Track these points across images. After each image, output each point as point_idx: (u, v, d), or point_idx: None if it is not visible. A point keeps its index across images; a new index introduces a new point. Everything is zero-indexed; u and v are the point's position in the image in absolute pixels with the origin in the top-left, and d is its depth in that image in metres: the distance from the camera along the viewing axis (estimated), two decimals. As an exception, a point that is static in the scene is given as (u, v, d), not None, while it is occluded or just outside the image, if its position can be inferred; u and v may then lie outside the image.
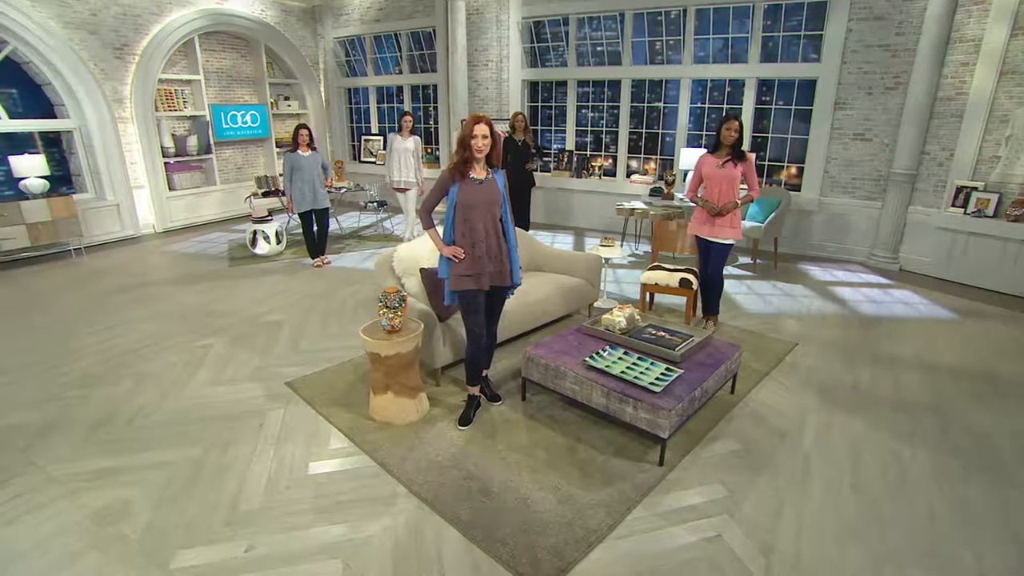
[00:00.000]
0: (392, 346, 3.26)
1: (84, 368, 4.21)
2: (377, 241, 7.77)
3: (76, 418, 3.55)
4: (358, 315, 5.17)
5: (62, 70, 7.19)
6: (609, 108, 8.36)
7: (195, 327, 4.92)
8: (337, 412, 3.56)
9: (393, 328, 3.31)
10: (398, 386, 3.37)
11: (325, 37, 10.27)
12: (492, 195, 3.22)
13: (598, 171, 8.43)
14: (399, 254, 4.08)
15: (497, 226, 3.27)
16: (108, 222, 7.77)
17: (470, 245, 3.21)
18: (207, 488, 2.92)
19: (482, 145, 3.13)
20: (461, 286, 3.25)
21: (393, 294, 3.32)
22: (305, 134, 6.12)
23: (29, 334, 4.84)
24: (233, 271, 6.51)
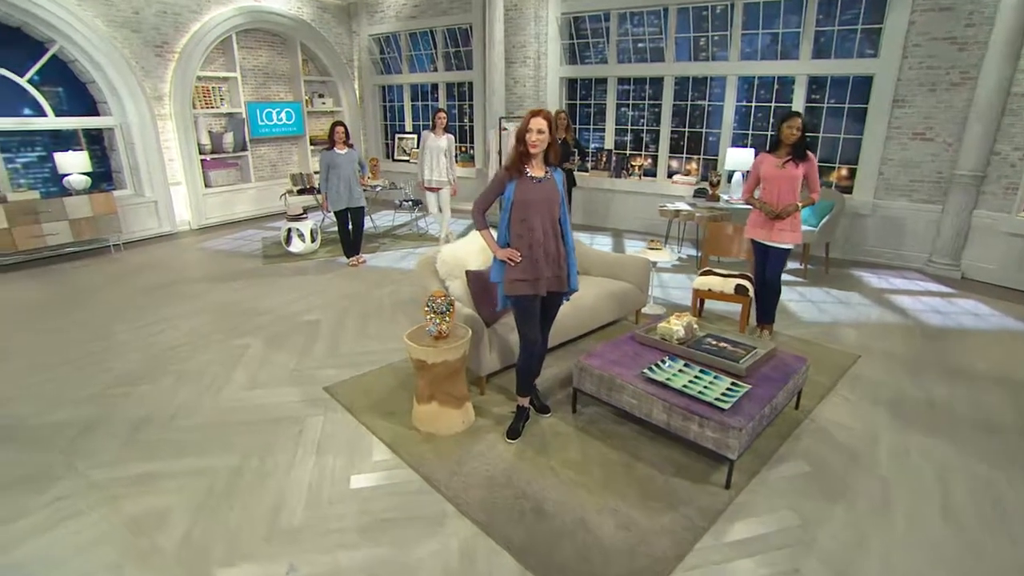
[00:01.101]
0: (439, 353, 3.07)
1: (125, 365, 4.13)
2: (412, 240, 7.63)
3: (117, 417, 3.45)
4: (396, 316, 5.01)
5: (105, 68, 7.21)
6: (650, 106, 8.08)
7: (232, 326, 4.82)
8: (378, 420, 3.39)
9: (440, 334, 3.12)
10: (444, 395, 3.19)
11: (360, 34, 10.17)
12: (550, 194, 3.01)
13: (638, 171, 8.15)
14: (443, 255, 3.90)
15: (556, 227, 3.06)
16: (146, 218, 7.77)
17: (527, 247, 3.01)
18: (246, 499, 2.77)
19: (536, 140, 2.92)
20: (517, 291, 3.04)
21: (441, 298, 3.13)
22: (341, 131, 5.99)
23: (73, 329, 4.79)
24: (268, 269, 6.42)
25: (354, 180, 6.09)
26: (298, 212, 6.80)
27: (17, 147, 7.32)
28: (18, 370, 4.09)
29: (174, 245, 7.57)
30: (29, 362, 4.21)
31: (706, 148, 7.83)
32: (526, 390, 3.30)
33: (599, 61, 8.22)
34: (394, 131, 10.65)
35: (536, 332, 3.15)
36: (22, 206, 6.32)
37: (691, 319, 3.68)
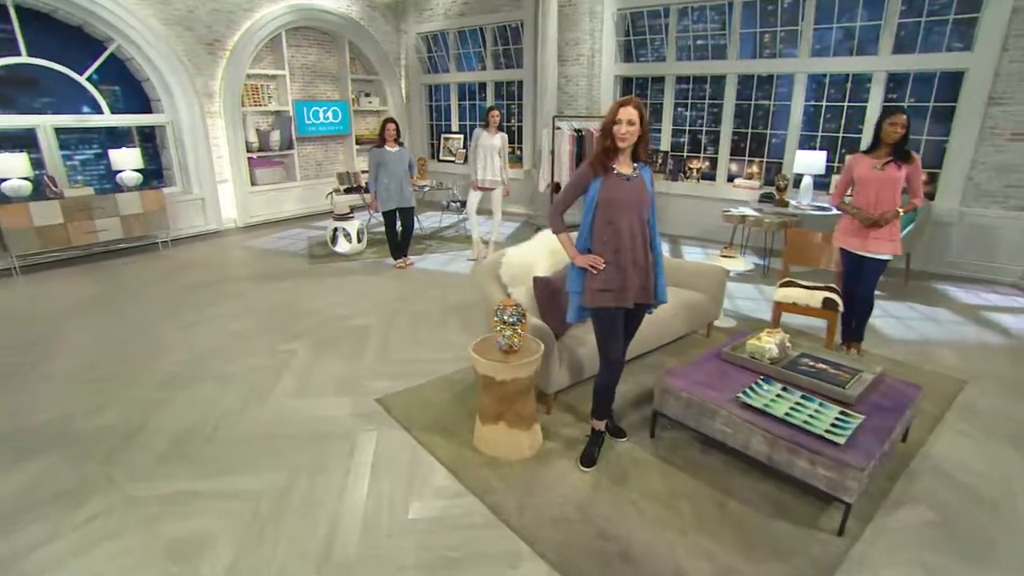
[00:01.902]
0: (510, 369, 2.72)
1: (169, 366, 3.92)
2: (459, 243, 7.33)
3: (158, 425, 3.21)
4: (447, 322, 4.70)
5: (159, 65, 7.15)
6: (709, 106, 7.61)
7: (278, 328, 4.58)
8: (437, 440, 3.06)
9: (511, 348, 2.78)
10: (512, 416, 2.84)
11: (407, 32, 9.97)
12: (639, 194, 2.64)
13: (696, 174, 7.69)
14: (508, 259, 3.56)
15: (644, 231, 2.69)
16: (193, 215, 7.68)
17: (612, 252, 2.65)
18: (296, 525, 2.47)
19: (626, 132, 2.56)
20: (599, 302, 2.68)
21: (512, 308, 2.79)
22: (392, 128, 5.73)
23: (121, 327, 4.65)
24: (314, 269, 6.20)
25: (405, 179, 5.82)
26: (345, 211, 6.58)
27: (75, 145, 7.32)
28: (67, 369, 3.92)
29: (220, 243, 7.46)
30: (78, 360, 4.04)
31: (769, 150, 7.33)
32: (603, 413, 2.93)
33: (656, 59, 7.80)
34: (440, 131, 10.41)
35: (620, 348, 2.79)
36: (77, 202, 6.28)
37: (783, 336, 3.25)
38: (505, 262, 3.57)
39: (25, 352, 4.22)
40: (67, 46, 6.81)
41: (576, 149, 7.24)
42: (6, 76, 6.57)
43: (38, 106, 6.82)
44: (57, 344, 4.33)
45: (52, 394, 3.59)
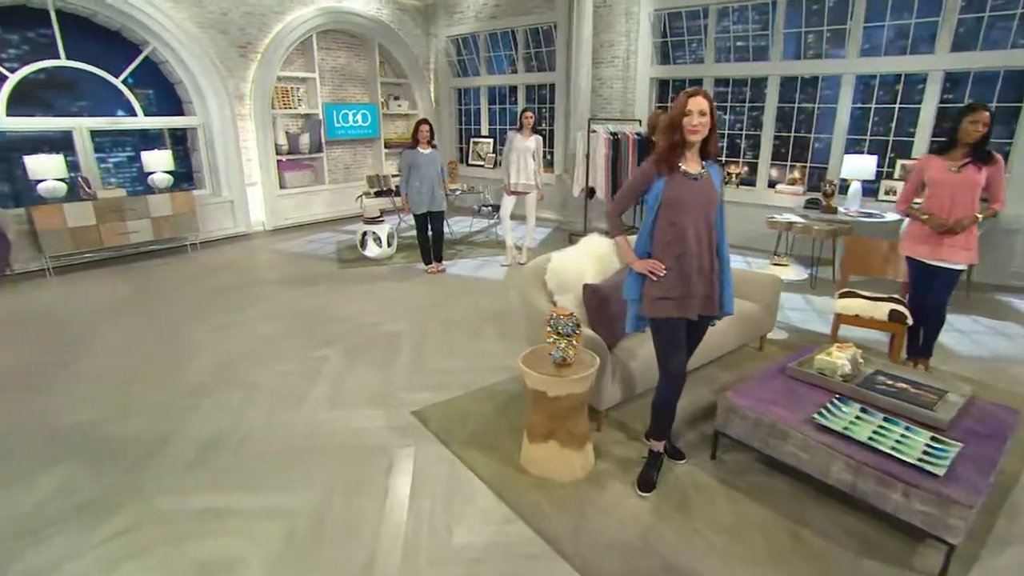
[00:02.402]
0: (564, 384, 2.49)
1: (198, 372, 3.76)
2: (490, 248, 7.13)
3: (186, 434, 3.04)
4: (483, 331, 4.48)
5: (193, 68, 7.11)
6: (749, 109, 7.33)
7: (308, 333, 4.41)
8: (479, 457, 2.84)
9: (564, 361, 2.55)
10: (564, 434, 2.61)
11: (437, 36, 9.85)
12: (707, 194, 2.41)
13: (735, 180, 7.40)
14: (555, 265, 3.33)
15: (711, 235, 2.46)
16: (222, 218, 7.62)
17: (674, 258, 2.41)
18: (332, 551, 2.26)
19: (698, 124, 2.33)
20: (659, 312, 2.45)
21: (566, 317, 2.56)
22: (426, 130, 5.57)
23: (152, 329, 4.54)
24: (343, 273, 6.05)
25: (436, 182, 5.65)
26: (375, 215, 6.43)
27: (109, 147, 7.34)
28: (98, 371, 3.80)
29: (248, 246, 7.37)
30: (105, 363, 3.91)
31: (812, 155, 7.01)
32: (663, 432, 2.68)
33: (694, 61, 7.53)
34: (469, 135, 10.25)
35: (682, 363, 2.54)
36: (110, 203, 6.25)
37: (855, 351, 2.97)
38: (551, 268, 3.34)
39: (56, 352, 4.11)
40: (104, 50, 6.81)
41: (612, 153, 7.00)
42: (46, 80, 6.58)
43: (75, 109, 6.82)
44: (87, 345, 4.22)
45: (80, 397, 3.46)
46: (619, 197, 2.62)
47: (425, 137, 5.59)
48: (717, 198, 2.45)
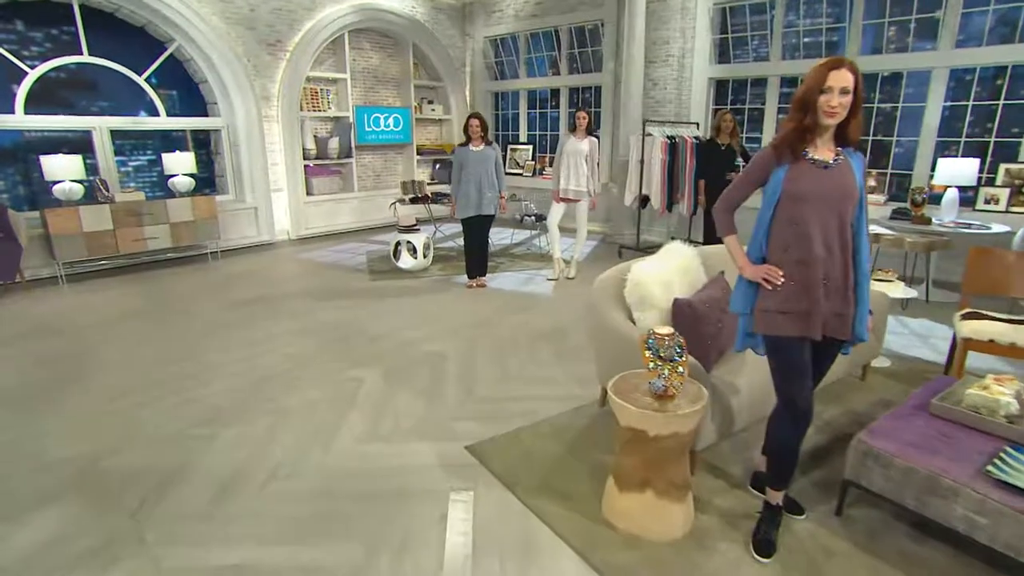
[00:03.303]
0: (670, 421, 2.07)
1: (216, 395, 3.42)
2: (533, 261, 6.77)
3: (200, 470, 2.68)
4: (537, 352, 4.08)
5: (218, 66, 6.98)
6: (820, 110, 6.87)
7: (340, 352, 4.06)
8: (553, 506, 2.42)
9: (668, 392, 2.13)
10: (663, 483, 2.18)
11: (474, 36, 9.64)
12: (843, 188, 2.01)
13: (803, 187, 6.92)
14: (636, 276, 2.92)
15: (846, 238, 2.04)
16: (245, 226, 7.42)
17: (795, 264, 2.02)
18: (381, 629, 1.86)
19: (838, 104, 1.92)
20: (774, 328, 2.05)
21: (669, 338, 2.16)
22: (476, 124, 5.24)
23: (164, 344, 4.24)
24: (376, 287, 5.73)
25: (486, 182, 5.29)
26: (411, 223, 6.11)
27: (130, 150, 7.22)
28: (100, 391, 3.48)
29: (272, 255, 7.13)
30: (113, 382, 3.61)
31: (893, 160, 6.52)
32: (782, 481, 2.24)
33: (756, 58, 7.14)
34: (507, 142, 9.98)
35: (807, 394, 2.11)
36: (128, 207, 6.07)
37: (1020, 386, 2.49)
38: (632, 280, 2.93)
39: (61, 367, 3.83)
40: (127, 47, 6.71)
41: (669, 158, 6.61)
42: (67, 79, 6.48)
43: (95, 110, 6.70)
44: (95, 361, 3.93)
45: (81, 421, 3.14)
46: (730, 190, 2.26)
47: (476, 132, 5.27)
48: (856, 193, 2.03)
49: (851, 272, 2.07)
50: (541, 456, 2.78)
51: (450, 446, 2.87)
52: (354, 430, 3.03)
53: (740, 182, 2.20)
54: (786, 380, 2.11)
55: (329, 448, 2.87)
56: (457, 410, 3.25)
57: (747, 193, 2.21)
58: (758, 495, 2.45)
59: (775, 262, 2.07)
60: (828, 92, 1.93)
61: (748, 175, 2.16)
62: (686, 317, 2.73)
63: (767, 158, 2.08)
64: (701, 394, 2.20)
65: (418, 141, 9.31)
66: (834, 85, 1.91)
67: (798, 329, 2.04)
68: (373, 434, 3.00)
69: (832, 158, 2.02)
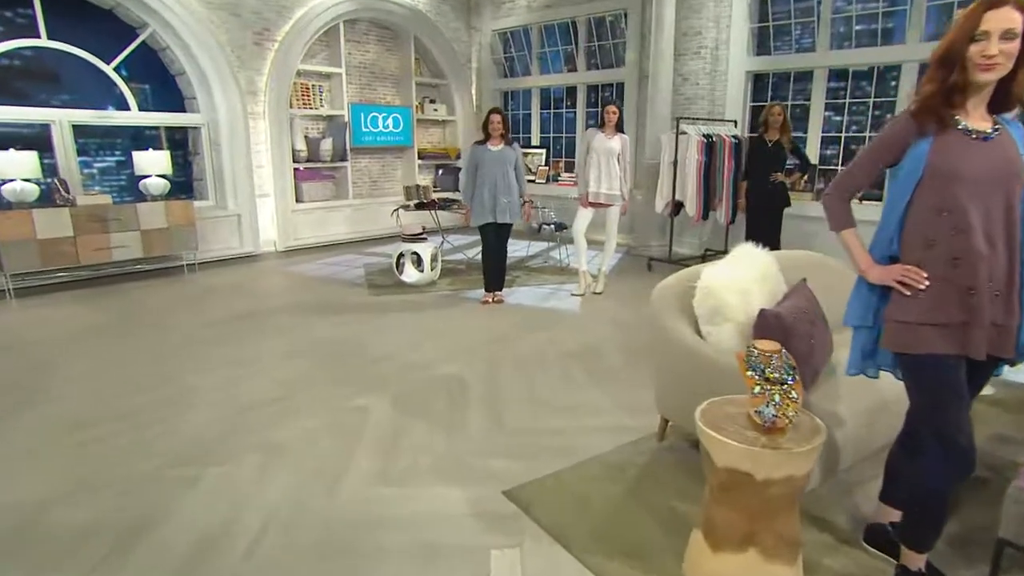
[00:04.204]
0: (784, 461, 1.73)
1: (194, 427, 3.07)
2: (553, 274, 6.48)
3: (174, 523, 2.31)
4: (573, 374, 3.76)
5: (198, 56, 6.74)
6: (872, 107, 6.65)
7: (340, 376, 3.73)
8: (618, 567, 2.07)
9: (777, 424, 1.79)
10: (772, 538, 1.83)
11: (481, 29, 9.47)
12: (1009, 165, 1.71)
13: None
14: (707, 284, 2.60)
15: (1012, 230, 1.73)
16: (226, 235, 7.12)
17: (945, 263, 1.73)
18: None
19: (998, 55, 1.62)
20: (925, 345, 1.75)
21: (776, 355, 1.84)
22: (498, 120, 5.03)
23: (133, 368, 3.89)
24: (377, 302, 5.43)
25: (502, 186, 5.04)
26: (416, 231, 5.82)
27: (96, 150, 6.95)
28: (53, 423, 3.12)
29: (257, 268, 6.84)
30: (70, 412, 3.25)
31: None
32: (927, 540, 1.89)
33: (800, 49, 6.93)
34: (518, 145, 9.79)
35: (967, 425, 1.78)
36: (91, 211, 5.73)
37: None
38: (703, 287, 2.62)
39: (4, 393, 3.46)
40: (94, 32, 6.46)
41: (706, 159, 6.35)
42: (21, 66, 6.21)
43: (56, 103, 6.43)
44: (46, 386, 3.57)
45: (27, 459, 2.78)
46: (849, 172, 1.97)
47: (497, 130, 5.05)
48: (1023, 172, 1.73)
49: (1017, 272, 1.75)
50: (597, 502, 2.43)
51: (483, 490, 2.52)
52: (363, 469, 2.68)
53: (864, 160, 1.90)
54: (938, 409, 1.78)
55: (334, 492, 2.51)
56: (485, 444, 2.91)
57: (872, 174, 1.92)
58: (878, 554, 2.11)
59: (914, 261, 1.76)
60: (983, 39, 1.63)
61: (875, 151, 1.86)
62: (774, 332, 2.39)
63: (903, 128, 1.78)
64: (816, 426, 1.87)
65: (419, 144, 9.10)
66: (992, 29, 1.62)
67: (955, 346, 1.72)
68: (386, 474, 2.64)
69: (991, 127, 1.72)
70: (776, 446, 1.74)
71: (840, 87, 6.91)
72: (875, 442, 2.48)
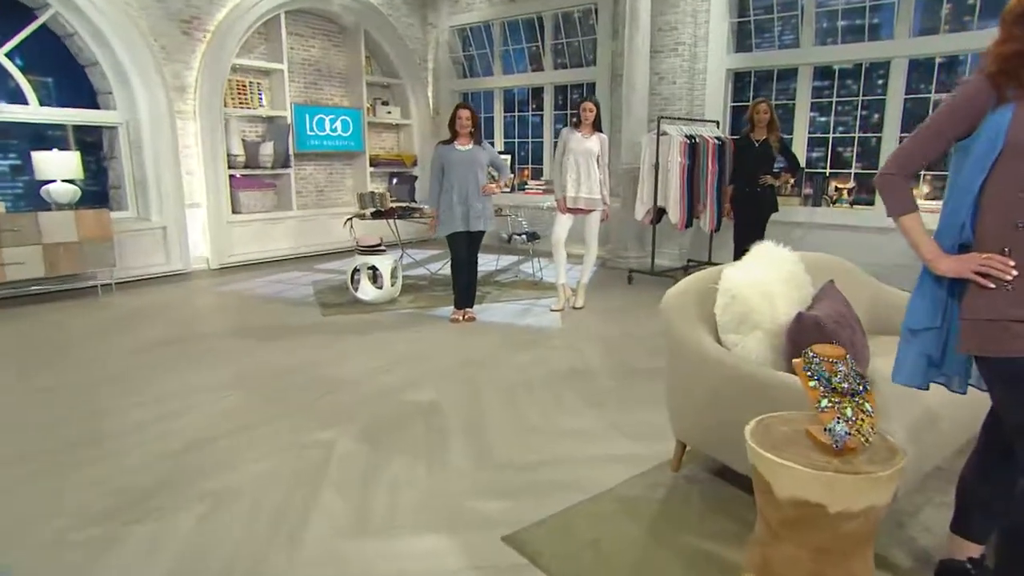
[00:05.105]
0: (864, 489, 1.56)
1: (118, 474, 2.71)
2: (526, 289, 6.33)
3: (95, 597, 1.98)
4: (565, 398, 3.56)
5: (114, 44, 6.37)
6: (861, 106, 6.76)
7: (297, 407, 3.43)
8: (658, 626, 1.85)
9: (849, 444, 1.62)
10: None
11: (438, 26, 9.38)
12: None
13: (847, 197, 6.73)
14: (729, 286, 2.44)
15: None
16: (150, 251, 6.73)
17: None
18: None
19: None
20: (1018, 346, 1.59)
21: (842, 360, 1.68)
22: (466, 117, 4.87)
23: (39, 408, 3.49)
24: (331, 322, 5.16)
25: (473, 190, 4.87)
26: (373, 242, 5.57)
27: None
28: (-68, 477, 2.72)
29: (188, 288, 6.48)
30: (-46, 462, 2.85)
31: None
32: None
33: (783, 45, 7.02)
34: (477, 151, 9.71)
35: None
36: (-25, 221, 5.27)
37: None
38: (727, 292, 2.46)
39: None
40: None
41: (689, 162, 6.30)
42: None
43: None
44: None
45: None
46: (910, 146, 1.81)
47: (466, 127, 4.89)
48: None
49: None
50: (615, 547, 2.21)
51: (478, 537, 2.26)
52: (332, 517, 2.39)
53: (930, 132, 1.75)
54: None
55: (297, 546, 2.21)
56: (474, 482, 2.66)
57: (939, 148, 1.77)
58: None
59: (995, 248, 1.62)
60: None
61: (944, 120, 1.72)
62: (812, 339, 2.24)
63: (978, 93, 1.64)
64: (889, 444, 1.70)
65: (371, 150, 8.92)
66: None
67: None
68: (362, 522, 2.36)
69: None
70: (855, 470, 1.56)
71: (825, 86, 7.02)
72: (924, 464, 2.34)
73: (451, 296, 5.27)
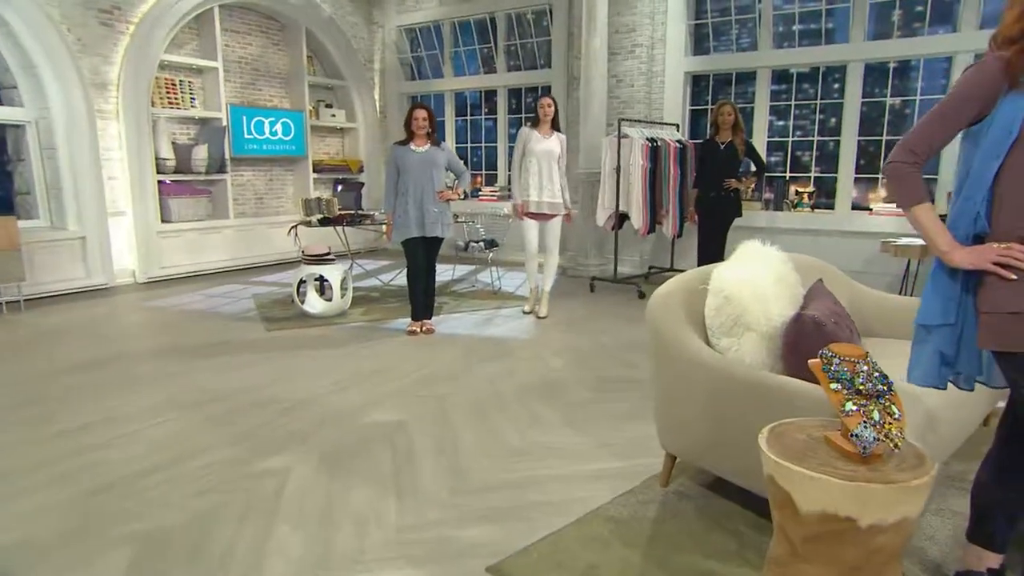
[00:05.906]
0: (898, 499, 1.47)
1: (23, 520, 2.42)
2: (484, 299, 6.24)
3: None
4: (542, 414, 3.43)
5: (19, 33, 6.00)
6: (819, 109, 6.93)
7: (243, 432, 3.19)
8: (667, 662, 1.72)
9: (876, 451, 1.53)
10: (874, 603, 1.55)
11: (384, 25, 9.26)
12: None
13: (807, 201, 6.86)
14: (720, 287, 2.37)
15: None
16: (67, 264, 6.34)
17: None
18: None
19: None
20: None
21: (863, 360, 1.60)
22: (422, 117, 4.76)
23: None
24: (277, 338, 4.92)
25: (430, 195, 4.74)
26: (322, 251, 5.35)
27: None
28: None
29: (112, 304, 6.14)
30: None
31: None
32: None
33: (741, 48, 7.14)
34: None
35: None
36: None
37: None
38: (718, 293, 2.39)
39: None
40: None
41: (651, 165, 6.30)
42: None
43: None
44: None
45: None
46: (922, 132, 1.75)
47: (422, 128, 4.77)
48: None
49: None
50: (611, 571, 2.08)
51: (459, 569, 2.10)
52: (289, 554, 2.18)
53: (941, 115, 1.70)
54: None
55: (251, 592, 2.00)
56: (451, 507, 2.49)
57: (949, 135, 1.72)
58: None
59: (1013, 238, 1.58)
60: None
61: (957, 103, 1.67)
62: (812, 341, 2.18)
63: (991, 77, 1.60)
64: (919, 451, 1.63)
65: (314, 155, 8.73)
66: None
67: None
68: (325, 560, 2.16)
69: None
70: (887, 479, 1.47)
71: (783, 90, 7.16)
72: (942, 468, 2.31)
73: (406, 307, 5.13)
